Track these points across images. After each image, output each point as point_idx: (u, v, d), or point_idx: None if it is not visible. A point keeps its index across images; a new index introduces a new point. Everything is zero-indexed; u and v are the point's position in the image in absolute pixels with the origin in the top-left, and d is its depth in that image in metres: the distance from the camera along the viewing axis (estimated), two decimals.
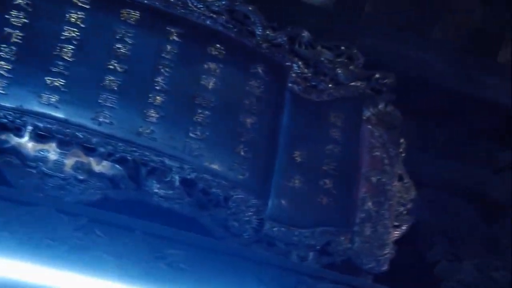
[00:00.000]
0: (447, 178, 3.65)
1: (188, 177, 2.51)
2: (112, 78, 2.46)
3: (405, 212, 3.04)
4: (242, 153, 2.65)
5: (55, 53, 2.39)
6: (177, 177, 2.49)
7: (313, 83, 2.97)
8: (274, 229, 2.67)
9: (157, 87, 2.54)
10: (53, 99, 2.34)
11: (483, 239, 3.50)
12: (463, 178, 3.69)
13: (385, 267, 2.89)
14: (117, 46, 2.51)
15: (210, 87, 2.66)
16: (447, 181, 3.67)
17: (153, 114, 2.49)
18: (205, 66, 2.68)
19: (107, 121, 2.41)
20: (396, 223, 2.99)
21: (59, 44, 2.41)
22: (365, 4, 3.51)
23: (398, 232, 2.99)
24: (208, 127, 2.60)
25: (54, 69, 2.37)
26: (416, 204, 3.10)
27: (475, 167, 3.75)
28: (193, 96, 2.61)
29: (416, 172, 3.20)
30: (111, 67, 2.47)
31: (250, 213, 2.62)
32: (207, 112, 2.61)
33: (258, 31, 2.85)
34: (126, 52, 2.52)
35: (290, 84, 2.90)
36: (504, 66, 3.69)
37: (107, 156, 2.41)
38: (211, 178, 2.55)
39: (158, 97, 2.52)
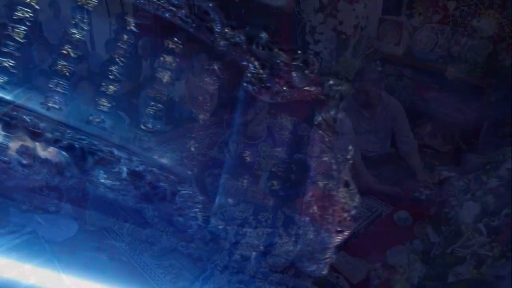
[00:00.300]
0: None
1: (136, 169, 2.48)
2: (64, 63, 2.40)
3: (348, 218, 3.09)
4: (193, 149, 2.64)
5: (6, 33, 2.31)
6: (125, 169, 2.45)
7: (268, 85, 2.98)
8: (219, 227, 2.67)
9: (111, 76, 2.50)
10: (1, 80, 2.26)
11: (417, 250, 3.60)
12: (405, 189, 3.80)
13: (325, 271, 2.93)
14: (72, 31, 2.45)
15: (164, 80, 2.64)
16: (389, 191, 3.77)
17: (104, 103, 2.45)
18: (161, 59, 2.66)
19: (57, 106, 2.35)
20: (339, 229, 3.04)
21: (10, 24, 2.33)
22: (324, 10, 3.56)
23: (340, 238, 3.04)
24: (160, 120, 2.58)
25: (4, 49, 2.29)
26: (359, 211, 3.16)
27: (417, 180, 3.86)
28: (147, 88, 2.58)
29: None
30: (64, 52, 2.41)
31: (197, 209, 2.61)
32: (160, 106, 2.59)
33: (217, 28, 2.84)
34: (81, 38, 2.46)
35: (244, 84, 2.91)
36: (451, 82, 3.82)
37: (54, 142, 2.34)
38: (159, 171, 2.53)
39: (111, 86, 2.48)
